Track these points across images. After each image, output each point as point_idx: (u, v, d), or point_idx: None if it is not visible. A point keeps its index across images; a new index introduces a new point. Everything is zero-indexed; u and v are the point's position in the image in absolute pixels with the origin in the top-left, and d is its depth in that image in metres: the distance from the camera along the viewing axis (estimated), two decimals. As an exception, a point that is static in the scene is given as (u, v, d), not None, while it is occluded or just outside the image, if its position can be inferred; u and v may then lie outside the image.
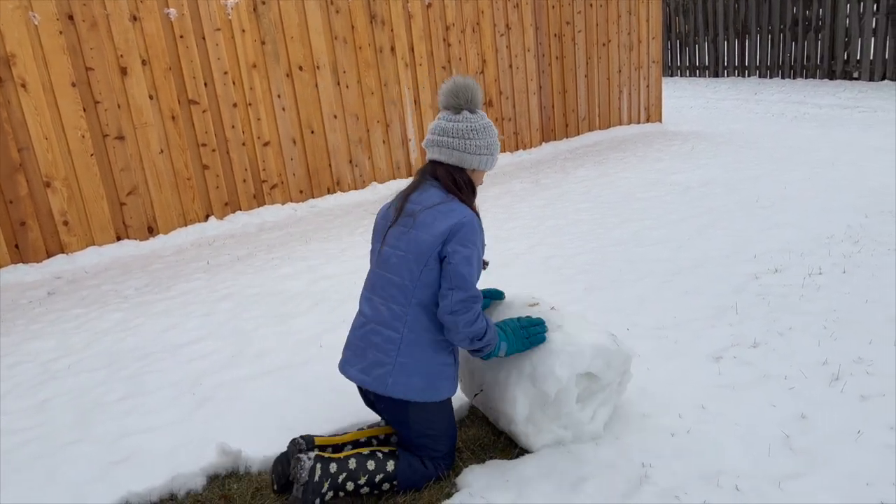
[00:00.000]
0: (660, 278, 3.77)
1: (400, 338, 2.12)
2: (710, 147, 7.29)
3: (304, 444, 2.24)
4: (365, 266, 4.47)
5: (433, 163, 2.23)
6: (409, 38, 6.57)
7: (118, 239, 5.20)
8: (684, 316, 3.26)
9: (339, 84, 6.20)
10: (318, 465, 2.11)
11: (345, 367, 2.27)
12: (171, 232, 5.42)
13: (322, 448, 2.27)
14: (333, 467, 2.12)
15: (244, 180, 5.79)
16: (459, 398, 2.61)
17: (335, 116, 6.23)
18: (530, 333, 2.23)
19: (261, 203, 5.91)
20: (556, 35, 7.78)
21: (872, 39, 10.55)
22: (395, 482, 2.17)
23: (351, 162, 6.40)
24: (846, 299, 3.25)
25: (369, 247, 2.39)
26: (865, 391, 2.47)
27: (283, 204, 6.00)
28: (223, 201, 5.70)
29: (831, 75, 11.23)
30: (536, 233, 4.82)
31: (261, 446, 2.48)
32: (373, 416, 2.55)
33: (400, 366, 2.11)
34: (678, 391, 2.57)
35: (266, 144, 5.87)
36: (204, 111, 5.50)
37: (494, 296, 2.50)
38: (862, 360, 2.68)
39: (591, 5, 8.00)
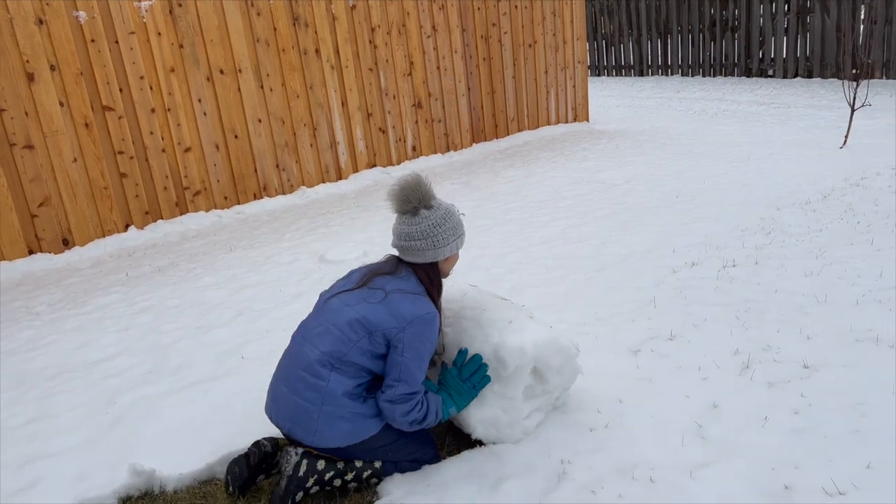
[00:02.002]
0: (584, 275, 3.83)
1: (326, 386, 2.11)
2: (635, 145, 7.47)
3: (268, 445, 2.24)
4: (291, 272, 4.44)
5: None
6: (334, 40, 6.50)
7: (30, 252, 4.97)
8: (606, 311, 3.32)
9: (262, 87, 6.08)
10: (305, 462, 2.12)
11: (271, 413, 2.24)
12: (89, 244, 5.21)
13: None
14: (321, 465, 2.14)
15: (165, 188, 5.61)
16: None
17: (259, 120, 6.11)
18: (475, 383, 2.23)
19: (183, 211, 5.74)
20: (482, 37, 7.83)
21: (784, 39, 11.02)
22: (383, 477, 2.21)
23: (278, 166, 6.29)
24: (758, 290, 3.37)
25: (295, 254, 2.35)
26: (773, 378, 2.56)
27: (207, 211, 5.84)
28: (143, 210, 5.51)
29: (748, 73, 11.69)
30: (465, 234, 4.82)
31: (177, 464, 2.40)
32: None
33: (325, 413, 2.10)
34: (598, 386, 2.61)
35: (187, 150, 5.70)
36: (120, 117, 5.31)
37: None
38: (770, 348, 2.78)
39: (516, 7, 8.09)
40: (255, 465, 2.21)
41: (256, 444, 2.25)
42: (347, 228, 5.19)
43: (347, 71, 6.67)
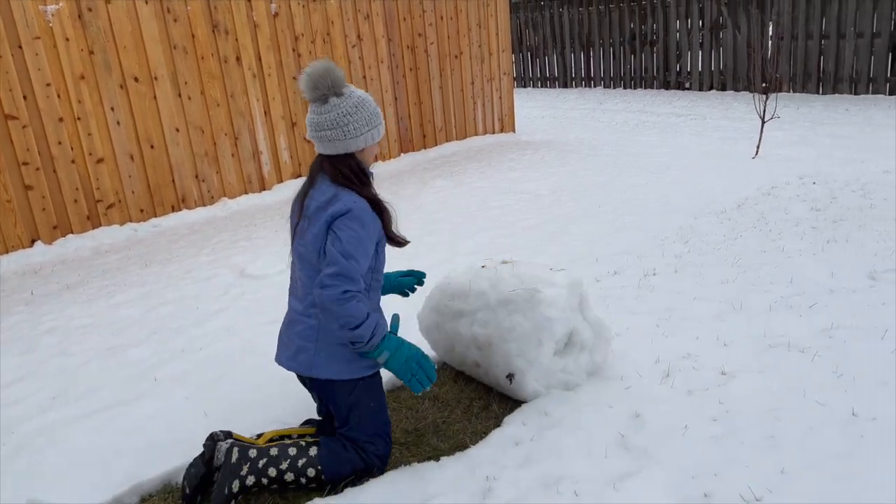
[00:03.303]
0: (510, 286, 3.83)
1: (317, 324, 2.18)
2: (560, 155, 7.59)
3: (221, 436, 2.25)
4: (210, 288, 4.26)
5: (320, 155, 2.22)
6: (255, 48, 6.35)
7: (-77, 271, 4.62)
8: (532, 323, 3.32)
9: (180, 95, 5.87)
10: (236, 449, 2.12)
11: (277, 358, 2.34)
12: (-10, 260, 4.89)
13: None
14: (253, 452, 2.13)
15: (75, 200, 5.33)
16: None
17: (177, 130, 5.89)
18: (415, 370, 2.12)
19: (96, 224, 5.46)
20: (408, 47, 7.81)
21: (700, 53, 11.47)
22: (319, 467, 2.16)
23: (197, 177, 6.08)
24: (677, 298, 3.45)
25: (215, 269, 2.26)
26: (692, 386, 2.61)
27: (121, 225, 5.58)
28: (51, 224, 5.21)
29: (667, 86, 12.10)
30: (390, 247, 4.77)
31: (81, 497, 2.25)
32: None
33: (320, 349, 2.19)
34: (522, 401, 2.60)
35: (100, 161, 5.44)
36: (24, 127, 5.01)
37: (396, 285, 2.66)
38: (689, 356, 2.84)
39: (441, 18, 8.11)
40: (210, 459, 2.19)
41: (211, 436, 2.24)
42: (271, 241, 5.05)
43: (270, 79, 6.52)
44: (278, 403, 2.72)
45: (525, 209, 5.42)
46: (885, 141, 6.91)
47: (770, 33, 10.48)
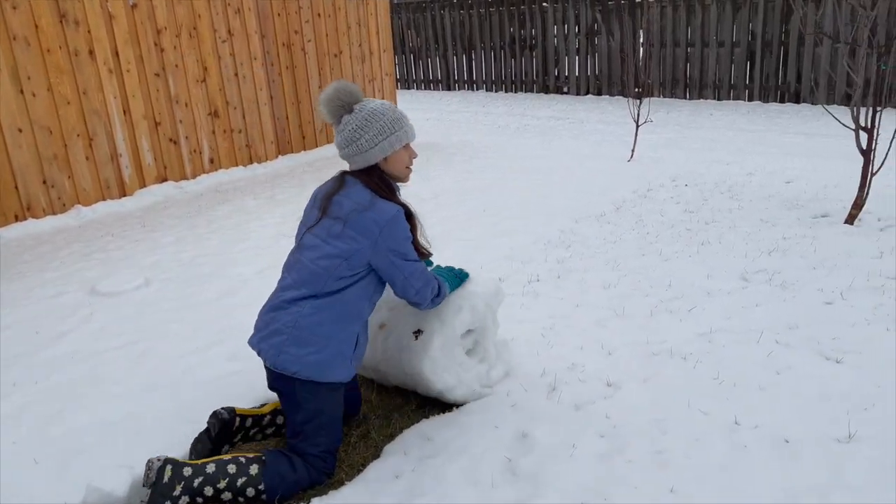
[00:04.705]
0: (392, 297, 3.64)
1: (299, 315, 2.11)
2: (444, 158, 7.49)
3: (225, 413, 2.25)
4: (54, 308, 3.73)
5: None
6: (111, 41, 5.80)
7: None
8: (414, 336, 3.15)
9: (22, 92, 5.25)
10: (169, 467, 1.98)
11: (251, 339, 2.23)
12: None
13: (243, 418, 2.30)
14: (188, 471, 2.00)
15: None
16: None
17: (20, 130, 5.26)
18: (457, 272, 2.56)
19: (-82, 238, 4.77)
20: (284, 44, 7.45)
21: (577, 58, 11.78)
22: (260, 487, 2.06)
23: (45, 183, 5.46)
24: (560, 305, 3.38)
25: (62, 286, 1.90)
26: (579, 399, 2.53)
27: (-49, 237, 4.92)
28: None
29: (546, 90, 12.34)
30: (268, 254, 4.46)
31: None
32: None
33: (292, 341, 2.09)
34: (404, 426, 2.41)
35: (-78, 165, 4.75)
36: None
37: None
38: (575, 367, 2.76)
39: (318, 15, 7.80)
40: (217, 435, 2.21)
41: (214, 414, 2.24)
42: (129, 253, 4.58)
43: (130, 75, 5.98)
44: (130, 439, 2.38)
45: (408, 214, 5.24)
46: (747, 144, 7.30)
47: (641, 40, 10.91)
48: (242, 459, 2.08)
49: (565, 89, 12.12)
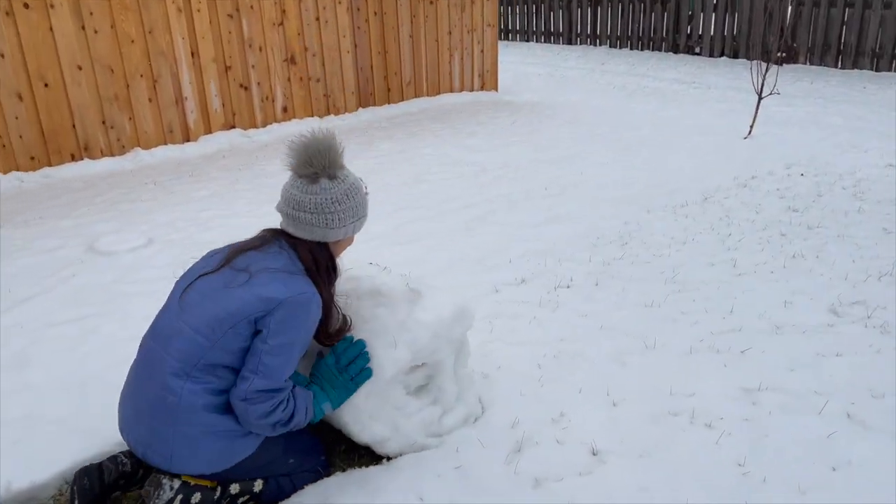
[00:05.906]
0: (396, 287, 3.12)
1: (177, 401, 1.71)
2: (534, 121, 6.77)
3: (128, 464, 1.87)
4: (45, 264, 3.35)
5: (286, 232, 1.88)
6: (181, -23, 5.55)
7: None
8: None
9: (83, 28, 5.11)
10: (180, 498, 1.76)
11: (124, 432, 1.84)
12: None
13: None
14: (196, 497, 1.78)
15: (-54, 143, 4.66)
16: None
17: (80, 67, 5.16)
18: (353, 373, 1.87)
19: (-29, 172, 4.81)
20: (373, -13, 6.95)
21: (714, 15, 10.42)
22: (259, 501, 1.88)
23: (104, 123, 5.37)
24: (580, 325, 2.72)
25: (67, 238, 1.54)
26: (544, 472, 1.89)
27: (4, 173, 4.92)
28: (-85, 169, 4.57)
29: (675, 49, 11.08)
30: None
31: None
32: None
33: (182, 436, 1.72)
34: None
35: (-22, 99, 4.74)
36: None
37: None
38: (560, 419, 2.13)
39: (413, -45, 7.21)
40: (110, 483, 1.83)
41: (113, 458, 1.87)
42: (153, 206, 4.34)
43: (200, 15, 5.73)
44: (57, 441, 2.07)
45: (460, 186, 4.67)
46: (900, 128, 6.02)
47: (792, -3, 9.43)
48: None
49: (697, 49, 10.82)
